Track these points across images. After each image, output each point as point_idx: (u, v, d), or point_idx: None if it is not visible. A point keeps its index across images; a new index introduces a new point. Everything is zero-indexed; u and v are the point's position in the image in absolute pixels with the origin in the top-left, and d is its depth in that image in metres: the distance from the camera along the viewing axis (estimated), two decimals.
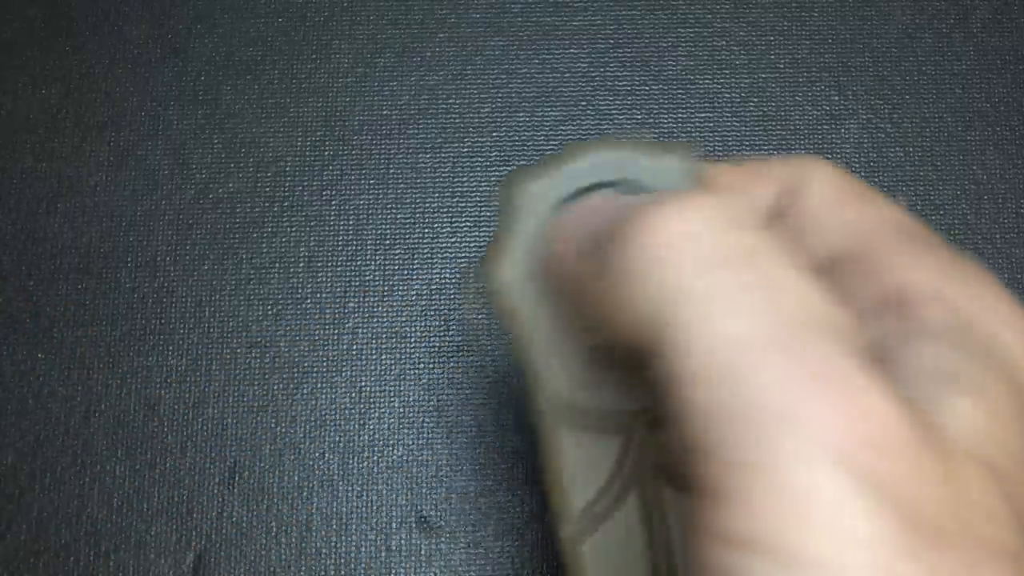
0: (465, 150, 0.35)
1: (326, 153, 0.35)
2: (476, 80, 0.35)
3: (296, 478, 0.32)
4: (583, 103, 0.35)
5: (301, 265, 0.34)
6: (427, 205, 0.34)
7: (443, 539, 0.32)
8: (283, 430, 0.33)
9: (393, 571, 0.31)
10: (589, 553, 0.19)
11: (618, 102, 0.35)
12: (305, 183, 0.34)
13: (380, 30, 0.36)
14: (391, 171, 0.35)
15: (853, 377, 0.13)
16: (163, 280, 0.34)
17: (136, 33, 0.36)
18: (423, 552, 0.31)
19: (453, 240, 0.34)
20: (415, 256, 0.34)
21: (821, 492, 0.13)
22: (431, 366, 0.33)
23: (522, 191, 0.19)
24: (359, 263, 0.34)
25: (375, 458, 0.32)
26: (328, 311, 0.33)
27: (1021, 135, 0.34)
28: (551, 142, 0.35)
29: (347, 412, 0.33)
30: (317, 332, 0.33)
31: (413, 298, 0.34)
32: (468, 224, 0.34)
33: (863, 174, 0.34)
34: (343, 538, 0.32)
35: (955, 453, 0.14)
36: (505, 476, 0.32)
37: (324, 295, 0.34)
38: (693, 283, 0.14)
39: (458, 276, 0.34)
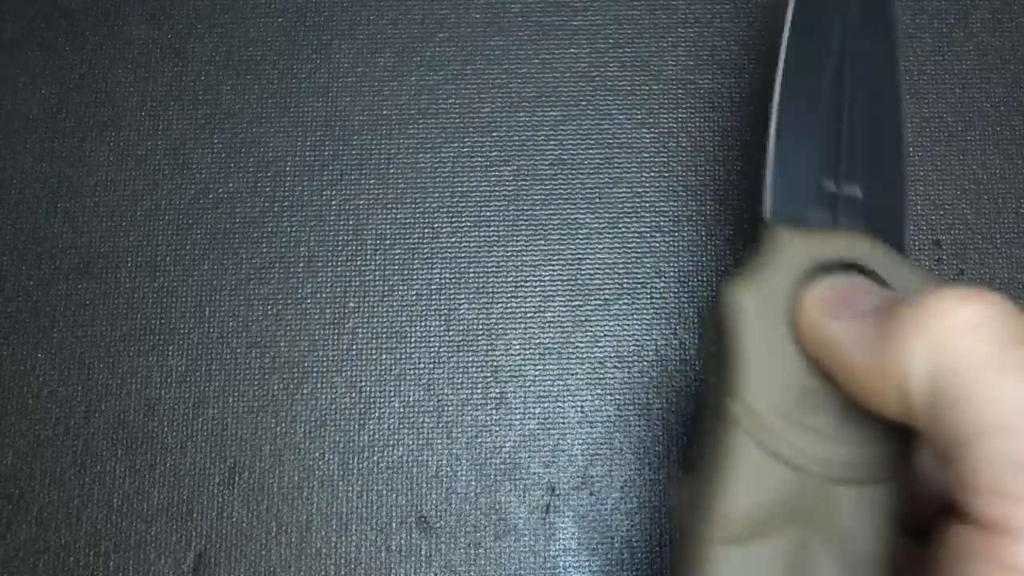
0: (465, 150, 0.35)
1: (326, 153, 0.35)
2: (476, 80, 0.35)
3: (296, 478, 0.32)
4: (583, 103, 0.35)
5: (301, 265, 0.34)
6: (427, 205, 0.34)
7: (443, 539, 0.32)
8: (283, 430, 0.33)
9: (393, 571, 0.31)
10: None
11: (618, 102, 0.35)
12: (305, 183, 0.34)
13: (380, 30, 0.36)
14: (391, 171, 0.35)
15: None
16: (163, 280, 0.34)
17: (136, 33, 0.36)
18: (423, 552, 0.31)
19: (453, 240, 0.34)
20: (415, 256, 0.34)
21: None
22: (431, 366, 0.33)
23: (785, 239, 0.22)
24: (359, 263, 0.34)
25: (375, 458, 0.32)
26: (328, 311, 0.33)
27: (1021, 135, 0.34)
28: (551, 142, 0.35)
29: (347, 412, 0.33)
30: (317, 332, 0.33)
31: (413, 298, 0.34)
32: (468, 224, 0.34)
33: None
34: (343, 538, 0.32)
35: None
36: (505, 476, 0.32)
37: (324, 295, 0.34)
38: (991, 359, 0.18)
39: (458, 276, 0.34)
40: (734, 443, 0.21)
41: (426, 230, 0.34)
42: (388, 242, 0.34)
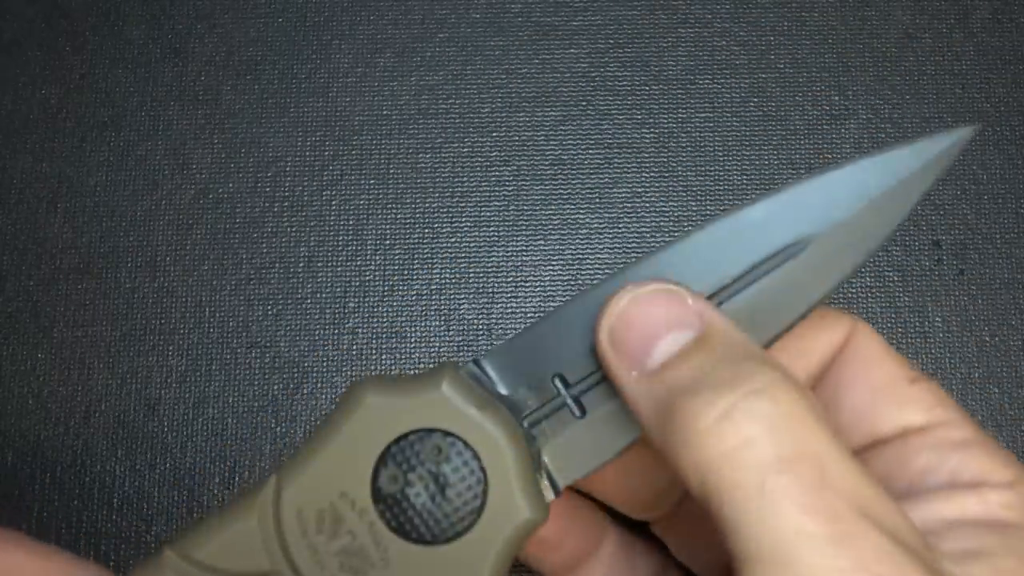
0: (465, 150, 0.35)
1: (326, 153, 0.35)
2: (476, 80, 0.35)
3: None
4: (583, 103, 0.35)
5: (301, 265, 0.34)
6: (427, 205, 0.34)
7: None
8: (283, 430, 0.33)
9: None
10: None
11: (618, 102, 0.35)
12: (305, 183, 0.34)
13: (380, 30, 0.36)
14: (391, 171, 0.35)
15: (901, 567, 0.17)
16: (163, 280, 0.34)
17: (136, 33, 0.36)
18: None
19: (453, 240, 0.34)
20: (415, 256, 0.34)
21: None
22: (431, 366, 0.33)
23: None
24: (359, 263, 0.34)
25: None
26: (328, 311, 0.33)
27: (1021, 135, 0.34)
28: (551, 142, 0.35)
29: None
30: (317, 332, 0.33)
31: (413, 298, 0.34)
32: (468, 224, 0.34)
33: None
34: None
35: None
36: None
37: (324, 295, 0.34)
38: (751, 490, 0.17)
39: (458, 276, 0.34)
40: None
41: (426, 230, 0.34)
42: (388, 242, 0.34)
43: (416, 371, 0.33)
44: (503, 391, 0.22)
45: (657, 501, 0.26)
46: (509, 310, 0.33)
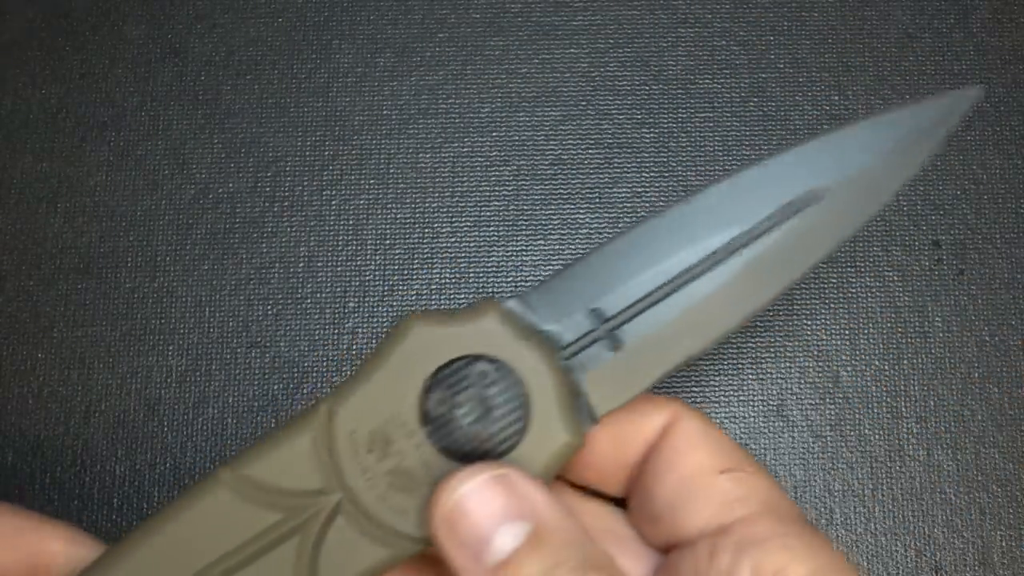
0: (465, 150, 0.35)
1: (326, 153, 0.35)
2: (476, 80, 0.35)
3: None
4: (583, 103, 0.35)
5: (301, 265, 0.34)
6: (427, 205, 0.34)
7: None
8: None
9: None
10: None
11: (618, 102, 0.35)
12: (305, 183, 0.34)
13: (380, 30, 0.36)
14: (391, 171, 0.35)
15: None
16: (163, 280, 0.34)
17: (136, 33, 0.36)
18: None
19: (453, 240, 0.34)
20: (415, 256, 0.34)
21: None
22: None
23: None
24: (359, 263, 0.34)
25: None
26: (328, 311, 0.33)
27: (1021, 135, 0.34)
28: (551, 142, 0.35)
29: None
30: (317, 332, 0.33)
31: (413, 298, 0.34)
32: (468, 224, 0.34)
33: None
34: None
35: None
36: None
37: (324, 295, 0.34)
38: None
39: (458, 276, 0.34)
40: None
41: (426, 230, 0.34)
42: (388, 242, 0.34)
43: None
44: (543, 325, 0.23)
45: (628, 477, 0.26)
46: None
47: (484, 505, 0.20)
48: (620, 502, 0.27)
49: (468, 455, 0.22)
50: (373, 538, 0.21)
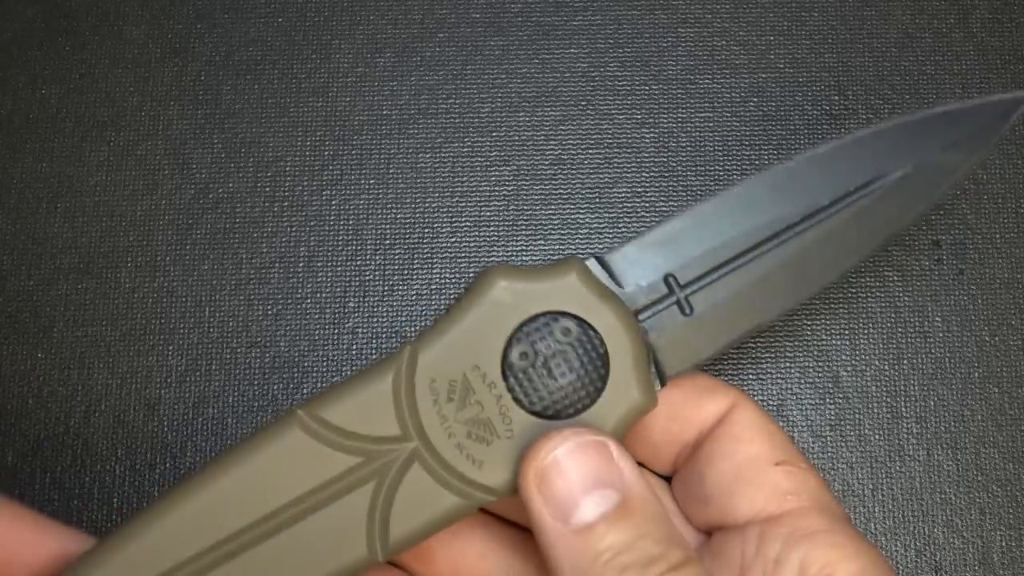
0: (465, 150, 0.35)
1: (326, 153, 0.35)
2: (476, 80, 0.35)
3: None
4: (583, 103, 0.35)
5: (301, 265, 0.34)
6: (427, 205, 0.34)
7: None
8: None
9: None
10: None
11: (618, 102, 0.35)
12: (305, 183, 0.34)
13: (380, 30, 0.36)
14: (391, 171, 0.35)
15: None
16: (163, 280, 0.34)
17: (136, 33, 0.36)
18: None
19: (453, 240, 0.34)
20: (415, 256, 0.34)
21: None
22: None
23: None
24: (359, 263, 0.34)
25: None
26: (328, 311, 0.33)
27: (1021, 135, 0.34)
28: (551, 142, 0.35)
29: None
30: (317, 332, 0.33)
31: (413, 298, 0.34)
32: (468, 224, 0.34)
33: None
34: None
35: None
36: None
37: (324, 295, 0.34)
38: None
39: (458, 276, 0.34)
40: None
41: (426, 230, 0.34)
42: (388, 242, 0.34)
43: None
44: (620, 287, 0.23)
45: (678, 456, 0.27)
46: None
47: (580, 467, 0.21)
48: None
49: (545, 410, 0.22)
50: (447, 486, 0.21)
